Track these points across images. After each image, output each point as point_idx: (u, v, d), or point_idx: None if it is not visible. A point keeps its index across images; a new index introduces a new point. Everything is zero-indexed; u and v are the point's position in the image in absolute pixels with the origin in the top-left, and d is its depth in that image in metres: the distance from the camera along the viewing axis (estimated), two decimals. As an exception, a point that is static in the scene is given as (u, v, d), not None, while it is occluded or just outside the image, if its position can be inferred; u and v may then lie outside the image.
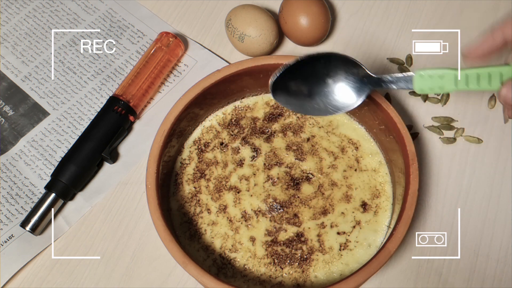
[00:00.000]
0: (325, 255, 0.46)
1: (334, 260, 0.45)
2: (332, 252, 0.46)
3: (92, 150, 0.51)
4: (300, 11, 0.54)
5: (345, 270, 0.45)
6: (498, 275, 0.48)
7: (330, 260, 0.45)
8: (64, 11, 0.62)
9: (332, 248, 0.46)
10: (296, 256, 0.46)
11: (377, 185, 0.48)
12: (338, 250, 0.46)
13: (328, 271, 0.45)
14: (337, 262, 0.45)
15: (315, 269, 0.45)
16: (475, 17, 0.59)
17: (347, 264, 0.45)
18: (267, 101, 0.52)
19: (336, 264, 0.45)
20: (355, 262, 0.45)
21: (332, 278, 0.45)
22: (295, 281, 0.45)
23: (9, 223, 0.50)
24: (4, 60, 0.59)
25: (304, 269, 0.45)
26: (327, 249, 0.46)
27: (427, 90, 0.37)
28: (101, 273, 0.49)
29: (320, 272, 0.45)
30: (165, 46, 0.56)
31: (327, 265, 0.45)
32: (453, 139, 0.53)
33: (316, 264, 0.45)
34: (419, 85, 0.37)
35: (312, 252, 0.46)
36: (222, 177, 0.49)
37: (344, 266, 0.45)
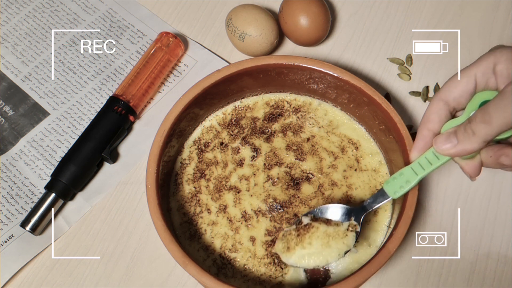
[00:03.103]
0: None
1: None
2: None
3: (92, 150, 0.51)
4: (300, 11, 0.54)
5: (345, 270, 0.45)
6: (498, 275, 0.48)
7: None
8: (64, 11, 0.62)
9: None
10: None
11: (377, 185, 0.48)
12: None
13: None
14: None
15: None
16: (475, 17, 0.59)
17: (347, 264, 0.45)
18: (267, 101, 0.52)
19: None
20: (355, 262, 0.45)
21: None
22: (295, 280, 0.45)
23: (9, 223, 0.50)
24: (4, 60, 0.59)
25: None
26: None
27: (399, 190, 0.41)
28: (101, 273, 0.49)
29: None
30: (165, 46, 0.56)
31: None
32: (453, 139, 0.53)
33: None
34: (391, 190, 0.42)
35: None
36: (222, 177, 0.49)
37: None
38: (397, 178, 0.42)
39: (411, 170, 0.41)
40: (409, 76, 0.57)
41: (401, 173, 0.42)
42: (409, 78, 0.57)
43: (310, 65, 0.47)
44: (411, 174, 0.41)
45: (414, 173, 0.41)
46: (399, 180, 0.41)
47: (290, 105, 0.52)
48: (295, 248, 0.43)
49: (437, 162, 0.40)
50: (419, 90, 0.56)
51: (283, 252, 0.43)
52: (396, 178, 0.42)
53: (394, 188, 0.42)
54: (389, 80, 0.57)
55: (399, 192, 0.41)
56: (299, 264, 0.43)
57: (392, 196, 0.42)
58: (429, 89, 0.56)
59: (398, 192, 0.41)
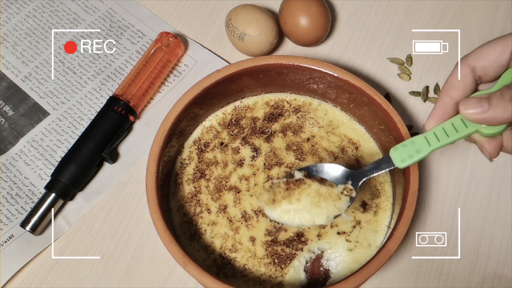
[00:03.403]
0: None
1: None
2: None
3: (92, 150, 0.51)
4: (300, 11, 0.54)
5: (345, 270, 0.45)
6: (498, 275, 0.48)
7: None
8: (64, 11, 0.62)
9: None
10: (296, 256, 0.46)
11: (377, 185, 0.48)
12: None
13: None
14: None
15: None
16: (475, 17, 0.59)
17: (347, 264, 0.45)
18: (267, 101, 0.52)
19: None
20: (355, 262, 0.45)
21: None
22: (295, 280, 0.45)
23: (9, 223, 0.50)
24: (4, 60, 0.59)
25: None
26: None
27: (407, 159, 0.38)
28: (101, 273, 0.49)
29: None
30: (165, 46, 0.56)
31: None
32: (453, 139, 0.53)
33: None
34: (398, 157, 0.38)
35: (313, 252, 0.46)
36: (222, 177, 0.49)
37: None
38: (407, 146, 0.38)
39: (424, 139, 0.37)
40: (409, 76, 0.57)
41: (412, 142, 0.38)
42: (409, 78, 0.57)
43: (310, 65, 0.47)
44: (424, 144, 0.37)
45: (427, 143, 0.37)
46: (409, 148, 0.38)
47: (290, 105, 0.52)
48: (281, 201, 0.40)
49: (455, 135, 0.37)
50: (419, 90, 0.56)
51: (267, 204, 0.40)
52: (406, 145, 0.38)
53: (401, 156, 0.38)
54: (389, 80, 0.57)
55: (406, 161, 0.38)
56: (282, 220, 0.40)
57: (398, 164, 0.38)
58: (429, 89, 0.56)
59: (406, 161, 0.38)
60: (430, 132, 0.38)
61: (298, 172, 0.41)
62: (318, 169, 0.42)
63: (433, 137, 0.37)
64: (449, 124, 0.37)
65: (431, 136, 0.37)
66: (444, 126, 0.37)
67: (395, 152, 0.38)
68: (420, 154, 0.38)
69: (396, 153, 0.38)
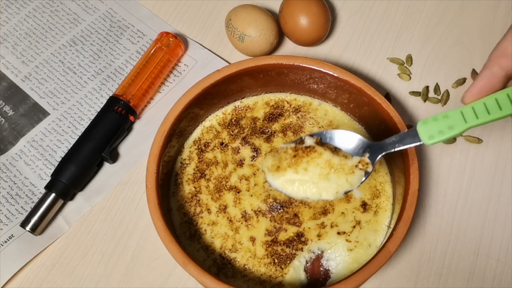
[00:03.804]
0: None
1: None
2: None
3: (92, 150, 0.51)
4: (300, 11, 0.54)
5: (345, 270, 0.45)
6: (498, 275, 0.48)
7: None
8: (64, 11, 0.62)
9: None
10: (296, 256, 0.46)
11: (377, 185, 0.48)
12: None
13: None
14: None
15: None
16: (475, 17, 0.59)
17: (347, 264, 0.45)
18: (267, 101, 0.52)
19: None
20: (355, 262, 0.45)
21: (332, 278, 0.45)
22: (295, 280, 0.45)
23: (9, 223, 0.50)
24: (4, 60, 0.59)
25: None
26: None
27: (437, 135, 0.33)
28: (101, 273, 0.49)
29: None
30: (165, 46, 0.56)
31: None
32: (453, 139, 0.53)
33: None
34: (426, 133, 0.34)
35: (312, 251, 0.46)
36: (222, 177, 0.49)
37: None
38: (439, 120, 0.33)
39: (460, 115, 0.33)
40: (409, 76, 0.57)
41: (446, 116, 0.33)
42: (409, 78, 0.57)
43: (310, 65, 0.47)
44: (459, 119, 0.33)
45: (463, 119, 0.33)
46: (440, 123, 0.33)
47: (290, 105, 0.52)
48: (286, 169, 0.36)
49: (497, 112, 0.32)
50: (419, 90, 0.56)
51: (271, 171, 0.36)
52: (438, 120, 0.33)
53: (430, 131, 0.33)
54: (389, 80, 0.57)
55: (435, 137, 0.33)
56: (285, 190, 0.36)
57: (425, 141, 0.34)
58: (429, 89, 0.56)
59: (435, 137, 0.33)
60: (468, 106, 0.33)
61: (309, 138, 0.36)
62: (333, 136, 0.37)
63: (471, 113, 0.32)
64: (492, 100, 0.32)
65: (468, 111, 0.32)
66: (486, 101, 0.32)
67: (423, 126, 0.34)
68: (453, 131, 0.33)
69: (424, 128, 0.34)
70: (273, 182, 0.37)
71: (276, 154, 0.36)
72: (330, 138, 0.37)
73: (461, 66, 0.57)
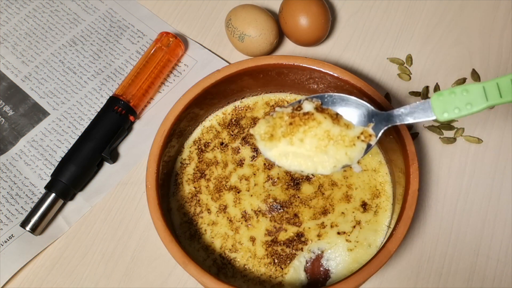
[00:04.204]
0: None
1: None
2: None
3: (92, 150, 0.51)
4: (300, 11, 0.54)
5: (345, 270, 0.45)
6: (498, 275, 0.48)
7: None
8: (64, 11, 0.62)
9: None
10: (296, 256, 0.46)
11: (377, 185, 0.48)
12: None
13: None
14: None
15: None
16: (475, 17, 0.59)
17: (347, 264, 0.45)
18: (267, 101, 0.52)
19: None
20: (355, 262, 0.45)
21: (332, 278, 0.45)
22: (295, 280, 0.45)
23: (9, 223, 0.50)
24: (4, 60, 0.59)
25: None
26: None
27: (452, 112, 0.30)
28: (101, 273, 0.49)
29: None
30: (165, 46, 0.56)
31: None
32: (453, 139, 0.53)
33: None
34: (440, 107, 0.30)
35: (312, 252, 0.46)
36: (222, 177, 0.49)
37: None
38: (457, 94, 0.30)
39: (482, 90, 0.29)
40: (409, 76, 0.57)
41: (465, 90, 0.30)
42: (409, 78, 0.57)
43: (310, 65, 0.47)
44: (479, 95, 0.29)
45: (484, 96, 0.29)
46: (458, 98, 0.30)
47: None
48: (280, 139, 0.33)
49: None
50: (419, 90, 0.56)
51: (263, 140, 0.33)
52: (456, 94, 0.30)
53: (445, 106, 0.30)
54: (389, 80, 0.57)
55: (450, 113, 0.30)
56: (277, 161, 0.34)
57: (438, 116, 0.30)
58: (429, 89, 0.56)
59: (449, 113, 0.30)
60: (492, 81, 0.29)
61: (308, 103, 0.33)
62: (335, 100, 0.33)
63: (494, 90, 0.29)
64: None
65: (492, 87, 0.29)
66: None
67: (438, 99, 0.30)
68: (472, 108, 0.29)
69: (439, 102, 0.30)
70: (266, 153, 0.34)
71: (270, 119, 0.33)
72: (332, 102, 0.33)
73: (461, 66, 0.57)
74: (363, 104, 0.33)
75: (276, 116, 0.34)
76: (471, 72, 0.56)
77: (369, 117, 0.33)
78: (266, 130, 0.33)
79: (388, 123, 0.33)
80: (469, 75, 0.56)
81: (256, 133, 0.34)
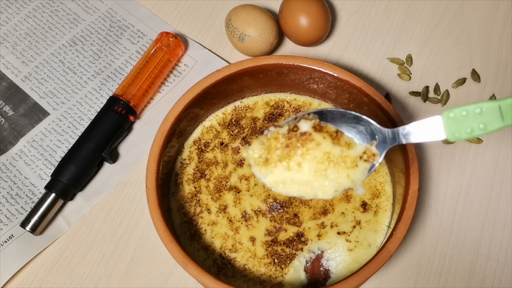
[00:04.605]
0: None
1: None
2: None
3: (92, 150, 0.51)
4: (300, 11, 0.54)
5: (345, 270, 0.45)
6: (498, 275, 0.48)
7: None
8: (64, 11, 0.62)
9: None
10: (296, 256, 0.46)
11: (377, 185, 0.48)
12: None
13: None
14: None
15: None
16: (475, 17, 0.59)
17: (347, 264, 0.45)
18: (267, 101, 0.52)
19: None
20: (355, 262, 0.45)
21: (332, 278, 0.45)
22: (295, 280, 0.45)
23: (9, 223, 0.50)
24: (4, 60, 0.59)
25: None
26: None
27: (464, 132, 0.27)
28: (101, 273, 0.49)
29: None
30: (165, 46, 0.56)
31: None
32: (453, 139, 0.53)
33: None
34: (451, 128, 0.27)
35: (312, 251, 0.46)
36: (222, 177, 0.49)
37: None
38: (469, 112, 0.27)
39: (498, 109, 0.26)
40: (409, 76, 0.57)
41: (479, 108, 0.27)
42: (409, 78, 0.57)
43: (310, 65, 0.47)
44: (495, 115, 0.26)
45: (500, 115, 0.26)
46: (470, 117, 0.27)
47: (290, 105, 0.52)
48: (276, 164, 0.30)
49: None
50: (419, 90, 0.56)
51: (257, 165, 0.31)
52: (468, 113, 0.27)
53: (457, 127, 0.27)
54: (389, 80, 0.57)
55: (462, 134, 0.28)
56: (274, 188, 0.31)
57: (449, 137, 0.28)
58: (429, 89, 0.56)
59: (461, 134, 0.27)
60: (509, 99, 0.26)
61: (305, 122, 0.30)
62: (335, 116, 0.31)
63: (511, 110, 0.26)
64: None
65: (508, 106, 0.26)
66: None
67: (449, 118, 0.27)
68: (485, 129, 0.27)
69: (449, 120, 0.27)
70: (261, 179, 0.31)
71: (264, 140, 0.30)
72: (332, 118, 0.31)
73: (461, 66, 0.57)
74: (366, 119, 0.31)
75: (271, 137, 0.31)
76: (471, 72, 0.56)
77: (371, 134, 0.31)
78: (261, 153, 0.31)
79: (393, 141, 0.30)
80: (469, 75, 0.56)
81: (250, 157, 0.31)
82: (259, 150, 0.31)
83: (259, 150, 0.31)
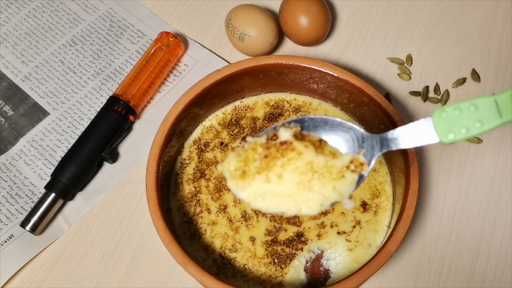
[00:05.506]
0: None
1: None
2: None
3: (92, 150, 0.51)
4: (300, 11, 0.54)
5: (345, 270, 0.45)
6: (498, 275, 0.48)
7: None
8: (64, 11, 0.62)
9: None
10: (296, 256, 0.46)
11: (377, 185, 0.48)
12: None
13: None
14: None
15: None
16: (475, 17, 0.60)
17: (347, 264, 0.45)
18: (267, 101, 0.52)
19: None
20: (355, 262, 0.45)
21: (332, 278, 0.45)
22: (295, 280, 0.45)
23: (9, 223, 0.50)
24: (4, 60, 0.59)
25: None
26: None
27: (459, 132, 0.25)
28: (101, 273, 0.49)
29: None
30: (165, 46, 0.56)
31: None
32: (453, 139, 0.53)
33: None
34: (443, 128, 0.25)
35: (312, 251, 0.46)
36: (222, 177, 0.49)
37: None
38: (464, 111, 0.25)
39: (494, 105, 0.24)
40: (409, 76, 0.57)
41: (473, 105, 0.25)
42: (409, 78, 0.57)
43: (310, 65, 0.47)
44: (491, 111, 0.24)
45: (497, 111, 0.24)
46: (465, 115, 0.25)
47: (290, 105, 0.52)
48: (254, 176, 0.27)
49: None
50: (419, 90, 0.56)
51: (234, 178, 0.28)
52: (462, 109, 0.25)
53: (449, 126, 0.25)
54: (389, 80, 0.57)
55: (456, 134, 0.25)
56: (253, 204, 0.28)
57: (442, 138, 0.26)
58: (429, 89, 0.56)
59: (456, 134, 0.25)
60: (505, 93, 0.24)
61: (285, 131, 0.27)
62: (317, 124, 0.28)
63: (509, 103, 0.24)
64: None
65: (506, 101, 0.24)
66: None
67: (441, 117, 0.25)
68: (482, 127, 0.25)
69: (442, 120, 0.25)
70: (238, 194, 0.28)
71: (241, 151, 0.28)
72: (314, 126, 0.28)
73: (461, 66, 0.57)
74: (351, 126, 0.28)
75: (249, 148, 0.28)
76: (471, 72, 0.56)
77: (358, 141, 0.29)
78: (237, 165, 0.28)
79: (382, 148, 0.28)
80: (469, 75, 0.56)
81: (225, 170, 0.28)
82: (236, 162, 0.28)
83: (236, 162, 0.28)
